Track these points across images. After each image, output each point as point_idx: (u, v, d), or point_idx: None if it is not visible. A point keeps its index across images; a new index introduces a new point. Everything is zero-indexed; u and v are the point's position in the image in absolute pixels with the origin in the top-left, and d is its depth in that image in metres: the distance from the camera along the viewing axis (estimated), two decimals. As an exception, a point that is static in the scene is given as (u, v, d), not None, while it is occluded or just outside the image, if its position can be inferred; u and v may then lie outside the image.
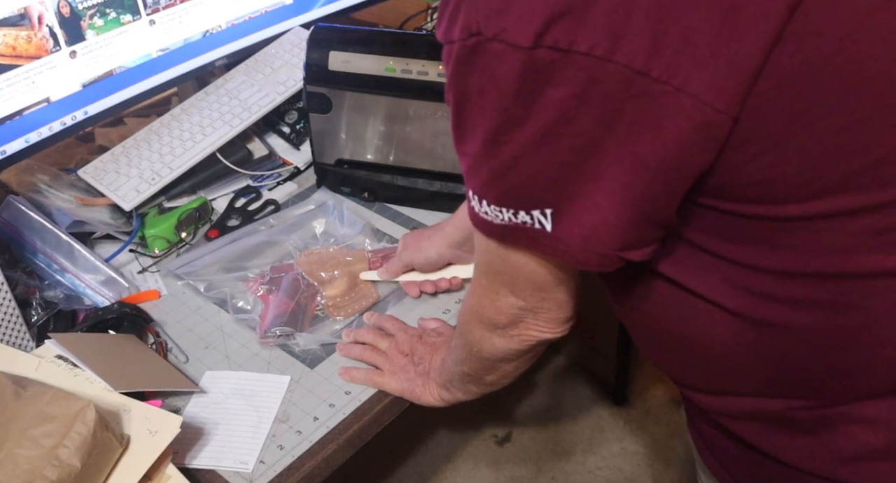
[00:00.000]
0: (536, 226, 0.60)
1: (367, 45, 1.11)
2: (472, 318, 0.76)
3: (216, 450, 0.89)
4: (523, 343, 0.74)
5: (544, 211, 0.59)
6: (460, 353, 0.84)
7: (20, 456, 0.73)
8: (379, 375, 0.96)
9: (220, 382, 0.97)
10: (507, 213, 0.61)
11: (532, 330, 0.73)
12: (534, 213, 0.60)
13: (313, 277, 1.07)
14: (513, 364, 0.80)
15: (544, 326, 0.72)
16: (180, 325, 1.05)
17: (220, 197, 1.26)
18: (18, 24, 1.04)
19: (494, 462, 1.86)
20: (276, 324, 1.01)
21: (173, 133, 1.24)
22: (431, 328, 1.01)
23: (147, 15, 1.18)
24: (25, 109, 1.10)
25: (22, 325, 0.97)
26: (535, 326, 0.72)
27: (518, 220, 0.61)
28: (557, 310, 0.71)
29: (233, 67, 1.33)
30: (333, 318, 1.04)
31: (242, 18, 1.31)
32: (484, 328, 0.75)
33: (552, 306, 0.70)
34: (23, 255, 1.09)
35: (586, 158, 0.56)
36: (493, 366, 0.81)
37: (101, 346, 0.95)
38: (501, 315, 0.72)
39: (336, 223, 1.17)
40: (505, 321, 0.73)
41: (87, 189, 1.20)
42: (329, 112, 1.16)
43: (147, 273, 1.14)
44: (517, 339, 0.74)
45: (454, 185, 1.18)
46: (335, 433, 0.91)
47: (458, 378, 0.87)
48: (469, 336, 0.78)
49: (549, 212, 0.59)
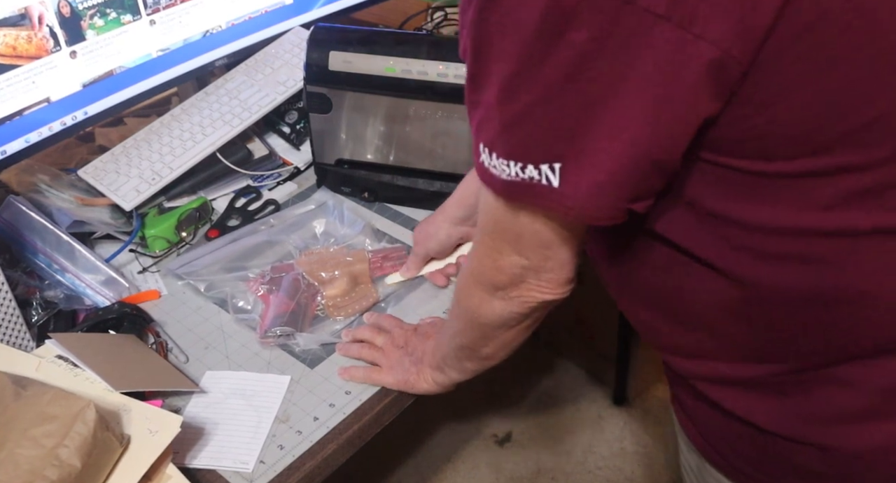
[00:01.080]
0: (543, 181, 0.60)
1: (367, 45, 1.11)
2: (473, 281, 0.75)
3: (216, 450, 0.89)
4: (524, 305, 0.73)
5: (553, 165, 0.59)
6: (457, 325, 0.82)
7: (20, 456, 0.73)
8: (377, 372, 0.96)
9: (220, 382, 0.97)
10: (516, 167, 0.60)
11: (533, 290, 0.71)
12: (542, 168, 0.59)
13: (314, 277, 1.07)
14: (511, 332, 0.78)
15: (546, 287, 0.71)
16: (180, 325, 1.05)
17: (220, 197, 1.26)
18: (19, 24, 1.04)
19: (494, 462, 1.86)
20: (276, 324, 1.01)
21: (173, 133, 1.24)
22: (427, 322, 1.01)
23: (147, 15, 1.18)
24: (25, 109, 1.10)
25: (22, 325, 0.97)
26: (536, 287, 0.71)
27: (525, 175, 0.60)
28: (560, 269, 0.69)
29: (233, 67, 1.33)
30: (334, 318, 1.04)
31: (242, 18, 1.31)
32: (484, 290, 0.74)
33: (555, 265, 0.69)
34: (23, 255, 1.09)
35: (602, 106, 0.56)
36: (491, 334, 0.79)
37: (102, 346, 0.95)
38: (503, 275, 0.71)
39: (336, 223, 1.17)
40: (506, 281, 0.71)
41: (87, 189, 1.20)
42: (329, 112, 1.16)
43: (147, 273, 1.14)
44: (517, 301, 0.73)
45: (454, 184, 1.18)
46: (335, 433, 0.91)
47: (454, 354, 0.86)
48: (468, 301, 0.77)
49: (557, 166, 0.59)
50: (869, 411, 0.66)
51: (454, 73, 1.07)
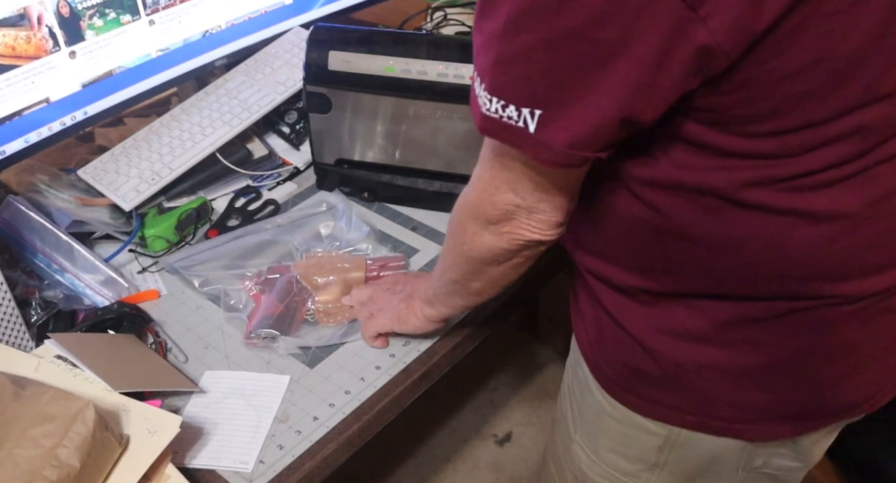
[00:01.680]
0: (520, 124, 0.62)
1: (367, 45, 1.11)
2: (468, 215, 0.77)
3: (216, 450, 0.89)
4: (512, 242, 0.75)
5: (534, 111, 0.62)
6: (448, 258, 0.84)
7: (20, 456, 0.73)
8: (371, 320, 0.99)
9: (219, 382, 0.97)
10: (497, 104, 0.63)
11: (523, 229, 0.73)
12: (523, 111, 0.62)
13: (308, 281, 1.06)
14: (500, 268, 0.80)
15: (535, 227, 0.73)
16: (180, 325, 1.05)
17: (219, 197, 1.26)
18: (18, 25, 1.04)
19: (494, 462, 1.86)
20: (262, 325, 1.01)
21: (173, 133, 1.24)
22: None
23: (147, 15, 1.18)
24: (25, 109, 1.10)
25: (22, 325, 0.97)
26: (526, 226, 0.73)
27: (505, 115, 0.63)
28: (552, 212, 0.72)
29: (233, 67, 1.33)
30: (324, 325, 1.04)
31: (242, 18, 1.31)
32: (477, 224, 0.76)
33: (548, 208, 0.71)
34: (23, 255, 1.09)
35: (600, 66, 0.58)
36: (480, 268, 0.81)
37: (101, 346, 0.95)
38: (496, 210, 0.73)
39: (343, 227, 1.16)
40: (498, 216, 0.73)
41: (86, 189, 1.20)
42: (329, 112, 1.16)
43: (146, 273, 1.14)
44: (507, 238, 0.75)
45: (454, 184, 1.18)
46: (335, 433, 0.91)
47: (444, 290, 0.89)
48: (461, 234, 0.79)
49: (537, 113, 0.61)
50: (704, 335, 0.76)
51: (454, 73, 1.07)
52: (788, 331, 0.74)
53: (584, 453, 0.94)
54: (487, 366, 2.07)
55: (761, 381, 0.78)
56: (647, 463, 0.88)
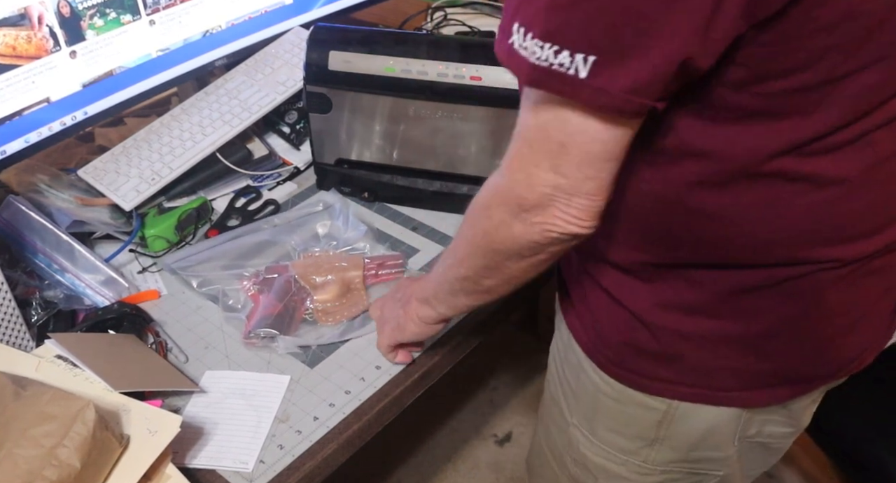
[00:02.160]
0: (571, 71, 0.60)
1: (367, 45, 1.11)
2: (496, 200, 0.71)
3: (216, 449, 0.89)
4: (545, 234, 0.69)
5: (587, 57, 0.59)
6: (461, 251, 0.79)
7: (20, 456, 0.73)
8: (380, 333, 0.98)
9: (219, 382, 0.97)
10: (549, 50, 0.60)
11: (559, 218, 0.68)
12: (577, 57, 0.59)
13: (306, 281, 1.07)
14: (521, 264, 0.74)
15: (574, 216, 0.67)
16: (180, 325, 1.05)
17: (219, 197, 1.26)
18: (18, 24, 1.04)
19: (494, 462, 1.86)
20: (261, 325, 1.01)
21: (173, 133, 1.24)
22: None
23: (147, 15, 1.18)
24: (25, 109, 1.10)
25: (22, 325, 0.97)
26: (563, 214, 0.67)
27: (556, 61, 0.60)
28: (596, 194, 0.66)
29: (233, 67, 1.33)
30: (322, 324, 1.04)
31: (242, 18, 1.31)
32: (507, 211, 0.70)
33: (593, 188, 0.66)
34: (23, 255, 1.09)
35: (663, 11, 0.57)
36: (498, 264, 0.75)
37: (101, 346, 0.95)
38: (532, 193, 0.67)
39: (340, 226, 1.16)
40: (533, 201, 0.67)
41: (87, 189, 1.20)
42: (329, 112, 1.16)
43: (147, 273, 1.14)
44: (539, 228, 0.69)
45: (454, 184, 1.18)
46: (335, 433, 0.91)
47: (448, 287, 0.84)
48: (484, 222, 0.73)
49: (591, 59, 0.59)
50: (704, 307, 0.78)
51: (454, 73, 1.07)
52: (785, 297, 0.76)
53: (583, 435, 0.94)
54: (487, 366, 2.07)
55: (760, 348, 0.79)
56: (646, 439, 0.88)
